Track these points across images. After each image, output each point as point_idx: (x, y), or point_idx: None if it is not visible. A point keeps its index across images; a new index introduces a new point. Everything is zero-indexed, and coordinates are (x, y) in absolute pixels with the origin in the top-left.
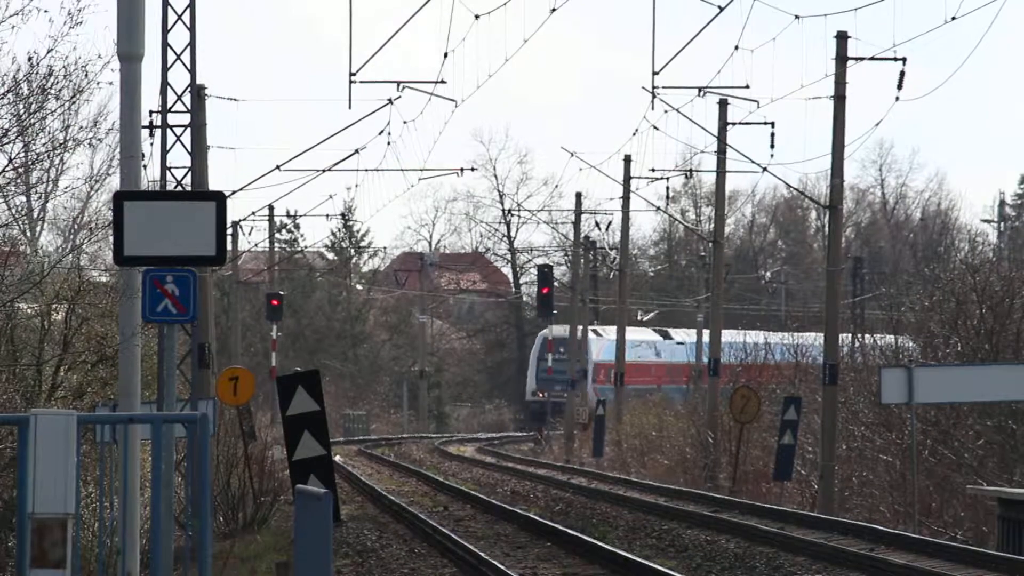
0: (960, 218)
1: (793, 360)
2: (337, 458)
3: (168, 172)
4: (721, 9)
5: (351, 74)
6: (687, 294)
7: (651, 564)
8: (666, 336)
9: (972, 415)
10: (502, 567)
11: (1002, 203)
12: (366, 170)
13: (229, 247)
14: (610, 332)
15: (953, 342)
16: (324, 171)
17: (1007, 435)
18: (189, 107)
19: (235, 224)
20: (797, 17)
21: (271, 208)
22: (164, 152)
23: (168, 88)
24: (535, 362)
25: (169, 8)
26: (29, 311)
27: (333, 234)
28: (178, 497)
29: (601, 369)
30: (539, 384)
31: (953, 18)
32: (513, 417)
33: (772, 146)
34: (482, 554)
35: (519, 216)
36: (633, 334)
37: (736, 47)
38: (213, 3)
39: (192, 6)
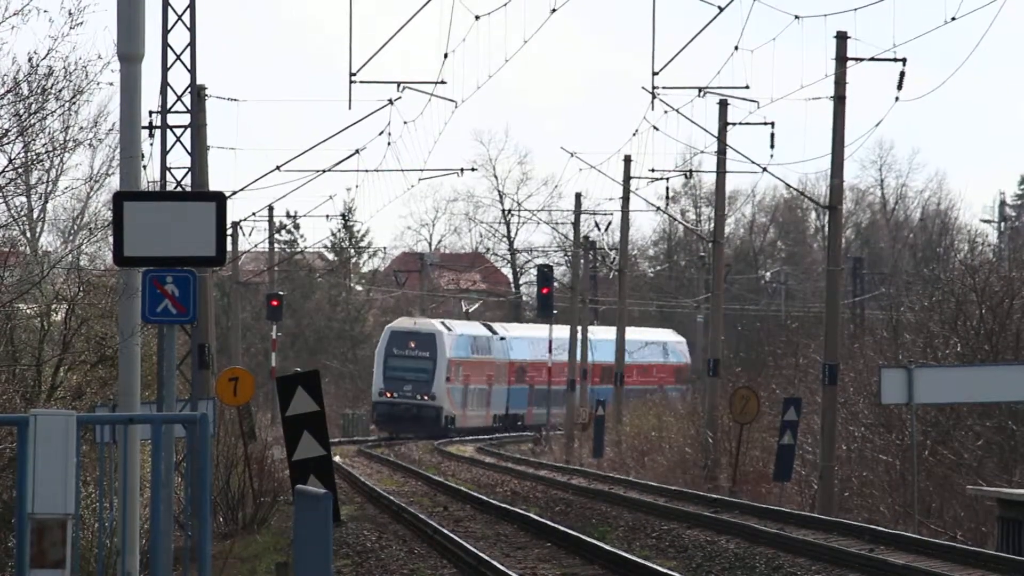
0: (960, 218)
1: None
2: (337, 458)
3: (168, 172)
4: (721, 9)
5: (351, 74)
6: (687, 294)
7: (651, 564)
8: (493, 331)
9: (972, 416)
10: (502, 567)
11: (1002, 203)
12: (366, 170)
13: (229, 248)
14: (458, 327)
15: (953, 343)
16: (324, 171)
17: (1007, 436)
18: (189, 107)
19: (235, 224)
20: (797, 17)
21: (271, 208)
22: (164, 152)
23: (168, 88)
24: (382, 359)
25: (169, 8)
26: (29, 311)
27: (333, 234)
28: (178, 497)
29: (453, 366)
30: (387, 384)
31: (953, 18)
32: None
33: (772, 146)
34: (482, 554)
35: (519, 216)
36: (466, 328)
37: (736, 47)
38: (213, 3)
39: (192, 6)
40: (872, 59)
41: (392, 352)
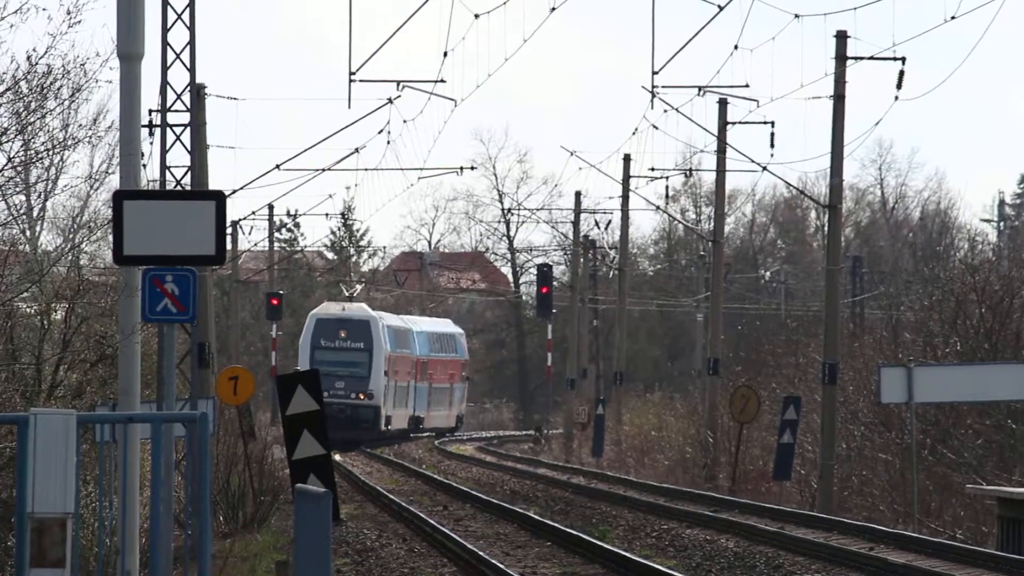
0: (959, 217)
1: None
2: (337, 457)
3: (168, 171)
4: (721, 8)
5: (351, 73)
6: (687, 293)
7: (651, 563)
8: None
9: (972, 414)
10: (502, 566)
11: (1001, 203)
12: (366, 169)
13: (229, 246)
14: (385, 319)
15: (952, 341)
16: (324, 170)
17: (1006, 434)
18: (189, 106)
19: (235, 223)
20: (797, 16)
21: (271, 207)
22: (164, 151)
23: (168, 87)
24: (307, 351)
25: (169, 7)
26: (29, 310)
27: (333, 233)
28: (178, 496)
29: (390, 360)
30: None
31: (953, 17)
32: (512, 416)
33: (772, 145)
34: (482, 553)
35: (519, 215)
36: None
37: (736, 46)
38: (213, 2)
39: (192, 5)
40: (872, 58)
41: (319, 344)
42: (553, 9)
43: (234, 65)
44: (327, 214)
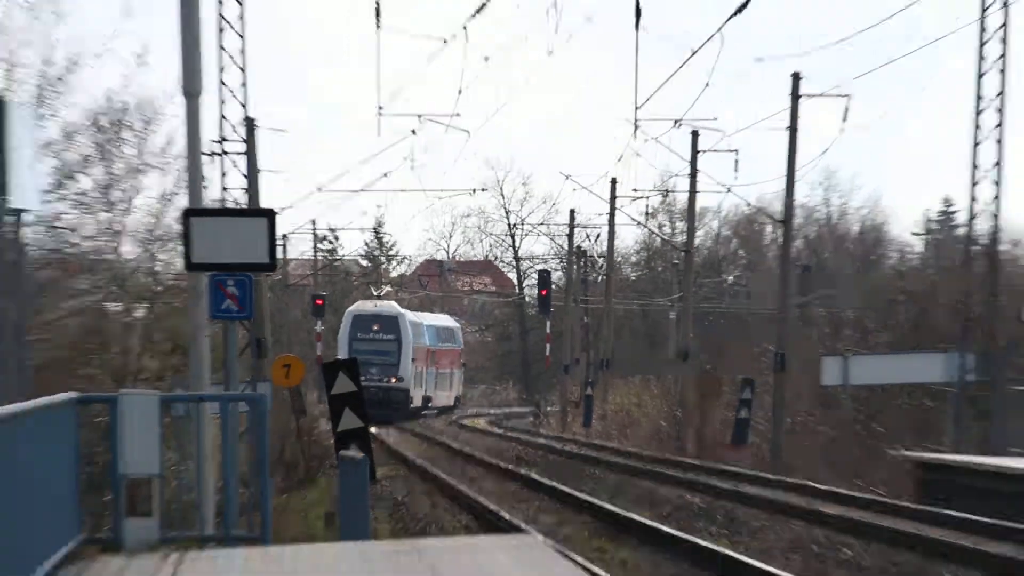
0: (892, 231)
1: None
2: (373, 430)
3: (226, 192)
4: (694, 52)
5: (379, 108)
6: (662, 295)
7: (629, 514)
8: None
9: (900, 396)
10: (507, 516)
11: (928, 219)
12: (393, 191)
13: (279, 256)
14: (407, 315)
15: (883, 335)
16: (358, 191)
17: (924, 411)
18: (244, 137)
19: (284, 236)
20: (760, 59)
21: (314, 223)
22: (222, 175)
23: (224, 121)
24: (346, 343)
25: (224, 52)
26: (116, 309)
27: (366, 244)
28: (243, 461)
29: (418, 352)
30: None
31: (891, 60)
32: (517, 396)
33: (736, 170)
34: (492, 506)
35: (522, 229)
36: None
37: (707, 84)
38: (262, 48)
39: (243, 51)
40: (821, 95)
41: (356, 336)
42: (550, 53)
43: (281, 102)
44: (361, 228)
